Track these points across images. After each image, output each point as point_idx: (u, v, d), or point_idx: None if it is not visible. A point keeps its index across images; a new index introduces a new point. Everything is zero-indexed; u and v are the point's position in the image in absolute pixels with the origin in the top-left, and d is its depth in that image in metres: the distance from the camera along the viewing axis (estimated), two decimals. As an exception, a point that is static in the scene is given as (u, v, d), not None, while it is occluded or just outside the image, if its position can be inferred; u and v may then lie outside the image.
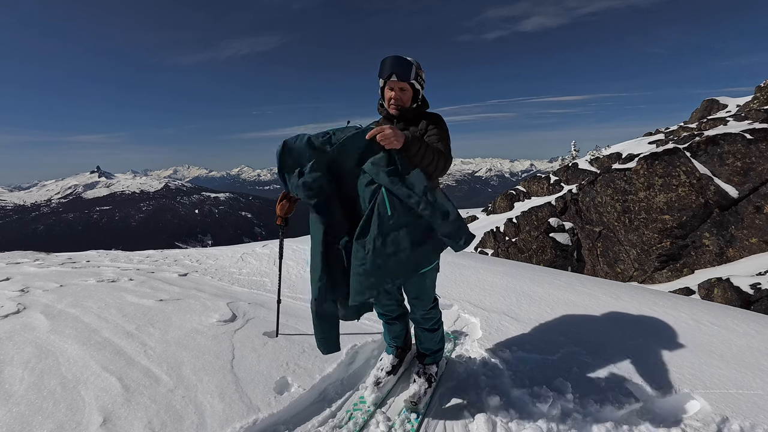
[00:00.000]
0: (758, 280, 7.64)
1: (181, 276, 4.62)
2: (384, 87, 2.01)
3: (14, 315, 3.05)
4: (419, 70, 1.98)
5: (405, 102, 1.99)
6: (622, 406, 2.07)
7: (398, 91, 1.97)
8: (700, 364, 2.42)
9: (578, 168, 20.50)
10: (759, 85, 16.53)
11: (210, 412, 1.96)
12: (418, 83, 1.99)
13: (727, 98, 20.16)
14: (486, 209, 24.27)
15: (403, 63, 1.91)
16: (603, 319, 3.14)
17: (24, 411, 1.92)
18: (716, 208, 10.14)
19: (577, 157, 26.51)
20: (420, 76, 1.99)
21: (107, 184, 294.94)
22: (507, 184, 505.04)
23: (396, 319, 2.42)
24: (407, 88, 1.97)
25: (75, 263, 5.61)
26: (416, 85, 1.98)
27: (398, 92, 1.97)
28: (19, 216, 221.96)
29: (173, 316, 3.06)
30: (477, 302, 3.47)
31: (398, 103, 1.99)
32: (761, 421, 1.94)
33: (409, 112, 2.01)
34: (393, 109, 2.00)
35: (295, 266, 4.82)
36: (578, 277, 4.57)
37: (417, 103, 2.04)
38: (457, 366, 2.51)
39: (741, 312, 3.45)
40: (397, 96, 1.97)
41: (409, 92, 1.99)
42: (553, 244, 12.54)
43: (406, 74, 1.92)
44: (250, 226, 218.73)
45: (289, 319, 3.04)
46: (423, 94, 2.06)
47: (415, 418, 2.08)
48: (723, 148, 10.57)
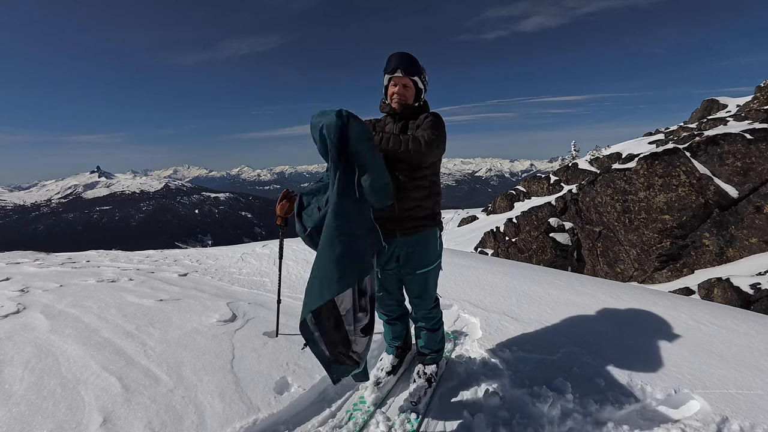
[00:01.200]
0: (758, 280, 7.64)
1: (181, 276, 4.62)
2: (388, 84, 2.03)
3: (14, 315, 3.04)
4: (423, 72, 2.03)
5: (408, 98, 2.01)
6: (622, 406, 2.07)
7: (401, 87, 1.99)
8: (700, 364, 2.42)
9: (578, 168, 20.51)
10: (759, 85, 16.53)
11: (210, 412, 1.96)
12: (421, 82, 2.02)
13: (727, 98, 20.15)
14: (486, 209, 24.28)
15: (410, 58, 1.94)
16: (603, 319, 3.14)
17: (24, 411, 1.92)
18: (716, 208, 10.14)
19: (577, 157, 26.51)
20: (424, 76, 2.03)
21: (107, 184, 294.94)
22: (507, 184, 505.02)
23: (397, 319, 2.42)
24: (410, 85, 2.00)
25: (75, 263, 5.61)
26: (419, 83, 2.01)
27: (401, 88, 1.99)
28: (19, 216, 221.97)
29: (173, 316, 3.06)
30: (477, 302, 3.47)
31: (401, 99, 2.00)
32: (761, 421, 1.94)
33: (410, 108, 2.03)
34: (395, 103, 2.02)
35: (295, 266, 4.82)
36: (578, 277, 4.57)
37: (419, 103, 2.06)
38: (457, 366, 2.50)
39: (741, 312, 3.45)
40: (400, 92, 1.99)
41: (412, 90, 2.02)
42: (553, 244, 12.54)
43: (411, 69, 1.95)
44: (250, 226, 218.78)
45: (289, 319, 3.04)
46: (425, 96, 2.09)
47: (415, 418, 2.08)
48: (723, 148, 10.57)
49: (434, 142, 1.87)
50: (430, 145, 1.86)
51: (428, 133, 1.89)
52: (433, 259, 2.15)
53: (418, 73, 1.98)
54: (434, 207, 2.10)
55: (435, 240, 2.14)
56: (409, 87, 2.00)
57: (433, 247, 2.13)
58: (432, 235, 2.12)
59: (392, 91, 2.01)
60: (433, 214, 2.11)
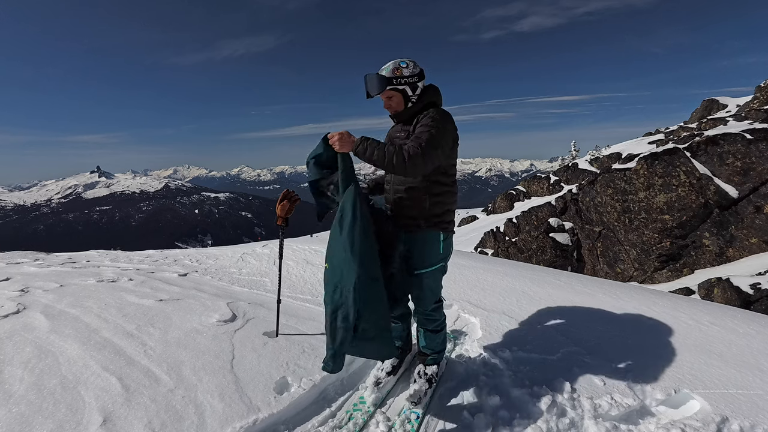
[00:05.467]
0: (758, 280, 7.64)
1: (181, 276, 4.62)
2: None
3: (14, 315, 3.04)
4: (398, 71, 1.99)
5: (395, 107, 2.08)
6: (622, 406, 2.07)
7: (386, 100, 2.07)
8: (700, 364, 2.42)
9: (578, 168, 20.50)
10: (759, 85, 16.51)
11: (210, 412, 1.96)
12: (401, 84, 2.01)
13: (727, 98, 20.14)
14: (486, 209, 24.26)
15: (371, 79, 2.00)
16: (603, 319, 3.14)
17: (24, 411, 1.91)
18: (716, 208, 10.13)
19: (577, 157, 26.51)
20: (401, 76, 2.00)
21: (107, 184, 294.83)
22: (507, 184, 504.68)
23: (399, 319, 2.43)
24: (393, 95, 2.04)
25: (75, 263, 5.61)
26: (399, 87, 2.01)
27: (386, 101, 2.07)
28: (19, 216, 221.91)
29: (173, 316, 3.06)
30: (477, 302, 3.47)
31: (390, 110, 2.10)
32: (761, 421, 1.94)
33: (403, 113, 2.08)
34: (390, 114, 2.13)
35: (295, 266, 4.82)
36: (578, 277, 4.58)
37: (411, 102, 2.06)
38: (457, 366, 2.51)
39: (741, 312, 3.45)
40: (387, 104, 2.08)
41: (397, 96, 2.04)
42: (553, 244, 12.53)
43: (379, 86, 2.00)
44: (250, 226, 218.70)
45: (289, 319, 3.04)
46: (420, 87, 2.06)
47: (415, 419, 2.08)
48: (723, 148, 10.57)
49: (419, 156, 1.81)
50: (414, 159, 1.80)
51: (413, 144, 1.84)
52: (434, 261, 2.13)
53: (388, 83, 1.99)
54: (433, 208, 2.07)
55: (436, 243, 2.12)
56: (392, 97, 2.05)
57: (432, 250, 2.12)
58: (432, 237, 2.11)
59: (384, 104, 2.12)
60: (432, 215, 2.08)
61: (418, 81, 2.04)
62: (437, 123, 1.93)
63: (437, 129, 1.91)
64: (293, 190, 2.71)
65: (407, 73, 2.00)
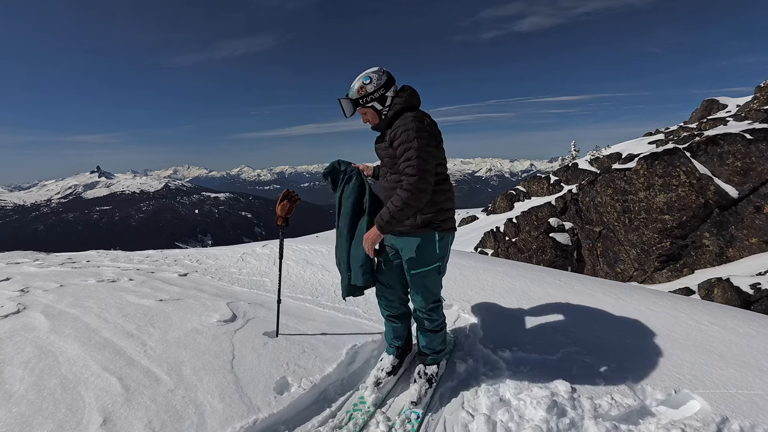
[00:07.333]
0: (758, 280, 7.64)
1: (181, 276, 4.62)
2: None
3: (14, 315, 3.04)
4: (362, 90, 2.04)
5: (372, 121, 2.15)
6: (622, 406, 2.07)
7: (363, 116, 2.16)
8: (700, 364, 2.42)
9: (578, 168, 20.51)
10: (759, 85, 16.52)
11: (210, 412, 1.96)
12: (368, 102, 2.06)
13: (727, 98, 20.16)
14: (486, 209, 24.27)
15: (344, 102, 2.11)
16: (603, 319, 3.14)
17: (24, 411, 1.91)
18: (716, 208, 10.14)
19: (577, 157, 26.52)
20: (365, 94, 2.04)
21: (107, 184, 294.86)
22: (507, 184, 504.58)
23: (399, 318, 2.43)
24: (365, 111, 2.11)
25: (75, 263, 5.61)
26: (369, 103, 2.06)
27: (363, 116, 2.16)
28: (19, 216, 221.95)
29: (173, 316, 3.06)
30: (477, 302, 3.47)
31: (369, 125, 2.19)
32: (761, 421, 1.94)
33: (380, 125, 2.15)
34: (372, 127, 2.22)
35: (295, 266, 4.82)
36: (578, 277, 4.58)
37: (384, 115, 2.10)
38: (457, 366, 2.50)
39: (741, 312, 3.45)
40: (364, 119, 2.17)
41: (369, 112, 2.11)
42: (553, 244, 12.53)
43: (348, 111, 2.13)
44: (250, 226, 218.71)
45: (289, 319, 3.04)
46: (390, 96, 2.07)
47: (415, 418, 2.08)
48: (723, 148, 10.57)
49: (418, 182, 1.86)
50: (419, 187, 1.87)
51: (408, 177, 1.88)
52: (428, 262, 2.13)
53: (356, 104, 2.08)
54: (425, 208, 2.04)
55: (431, 243, 2.11)
56: (366, 113, 2.12)
57: (426, 251, 2.11)
58: (427, 237, 2.10)
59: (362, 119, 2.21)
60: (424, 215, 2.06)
61: (385, 92, 2.05)
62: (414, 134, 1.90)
63: (418, 141, 1.89)
64: (293, 190, 2.73)
65: (371, 89, 2.03)
